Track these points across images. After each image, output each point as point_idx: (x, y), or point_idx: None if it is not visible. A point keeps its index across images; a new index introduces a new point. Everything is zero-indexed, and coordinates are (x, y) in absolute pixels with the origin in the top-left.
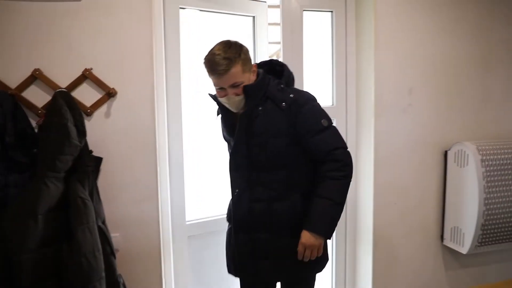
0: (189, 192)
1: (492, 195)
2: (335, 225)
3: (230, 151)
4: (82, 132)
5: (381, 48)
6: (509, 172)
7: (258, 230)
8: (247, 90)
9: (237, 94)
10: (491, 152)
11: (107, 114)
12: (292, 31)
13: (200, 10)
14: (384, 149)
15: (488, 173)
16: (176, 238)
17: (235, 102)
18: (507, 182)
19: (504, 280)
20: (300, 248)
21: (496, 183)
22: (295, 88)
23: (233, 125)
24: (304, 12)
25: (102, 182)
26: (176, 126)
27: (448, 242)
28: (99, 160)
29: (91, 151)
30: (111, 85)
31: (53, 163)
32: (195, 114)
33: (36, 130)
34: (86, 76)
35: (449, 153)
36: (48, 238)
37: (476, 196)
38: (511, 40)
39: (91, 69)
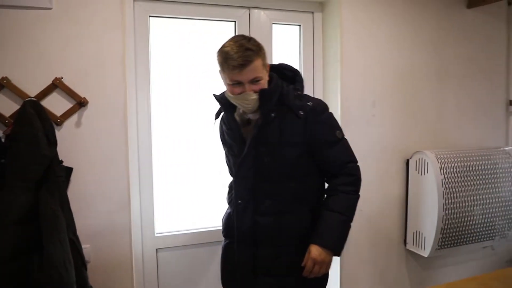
0: (158, 204)
1: (450, 201)
2: (346, 241)
3: (232, 157)
4: (52, 142)
5: (346, 62)
6: (465, 179)
7: (261, 245)
8: (264, 94)
9: (255, 92)
10: (449, 160)
11: (78, 124)
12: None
13: (179, 18)
14: None
15: (446, 180)
16: (145, 250)
17: (252, 101)
18: (463, 188)
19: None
20: (309, 263)
21: (454, 189)
22: (310, 96)
23: (237, 130)
24: (273, 25)
25: (73, 192)
26: (146, 136)
27: (410, 246)
28: (69, 170)
29: (61, 161)
30: (82, 95)
31: (23, 173)
32: (166, 124)
33: (3, 140)
34: (57, 85)
35: (410, 161)
36: (18, 250)
37: (436, 202)
38: (463, 55)
39: (62, 78)
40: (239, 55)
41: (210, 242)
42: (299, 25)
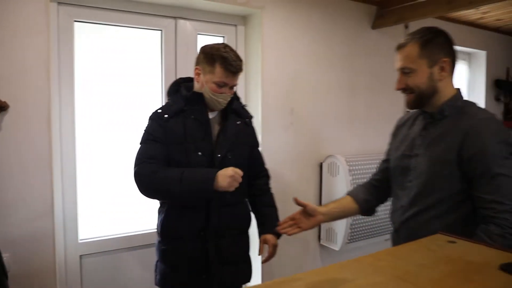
0: (82, 210)
1: None
2: None
3: (190, 154)
4: None
5: (267, 73)
6: None
7: (224, 236)
8: (235, 98)
9: (231, 95)
10: (357, 163)
11: None
12: (187, 53)
13: (105, 24)
14: (270, 162)
15: (354, 181)
16: (68, 257)
17: (227, 102)
18: None
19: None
20: (274, 250)
21: None
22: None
23: (208, 126)
24: (198, 35)
25: None
26: (70, 141)
27: (324, 242)
28: None
29: None
30: (2, 99)
31: None
32: (90, 129)
33: None
34: None
35: (323, 164)
36: None
37: None
38: (369, 69)
39: None
40: (238, 63)
41: (134, 246)
42: (223, 37)
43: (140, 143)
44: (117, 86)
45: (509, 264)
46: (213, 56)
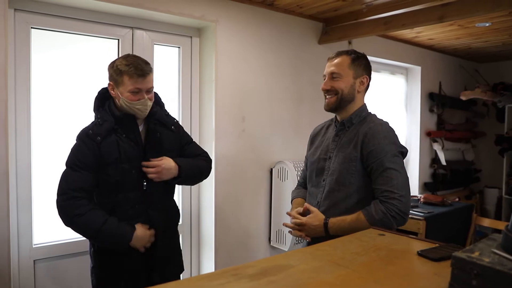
0: (36, 215)
1: None
2: None
3: (123, 169)
4: None
5: (220, 83)
6: None
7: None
8: (157, 100)
9: (150, 100)
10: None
11: None
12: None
13: (63, 32)
14: (223, 167)
15: None
16: (21, 262)
17: (149, 107)
18: None
19: None
20: (155, 164)
21: None
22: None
23: (140, 139)
24: (155, 45)
25: None
26: (25, 146)
27: (274, 243)
28: None
29: None
30: None
31: None
32: (46, 133)
33: None
34: None
35: (273, 170)
36: None
37: None
38: (314, 82)
39: None
40: (142, 66)
41: (87, 251)
42: (179, 47)
43: (67, 166)
44: (73, 92)
45: (425, 250)
46: (118, 67)
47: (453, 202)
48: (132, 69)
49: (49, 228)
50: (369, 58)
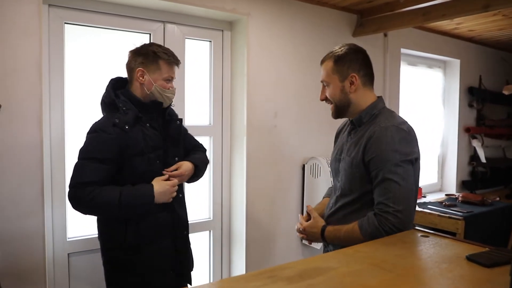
0: (70, 208)
1: None
2: None
3: (151, 161)
4: None
5: (252, 77)
6: None
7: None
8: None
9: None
10: None
11: None
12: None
13: (95, 27)
14: (255, 163)
15: None
16: (56, 255)
17: (174, 96)
18: None
19: None
20: (180, 171)
21: None
22: None
23: (160, 135)
24: (186, 39)
25: None
26: (60, 141)
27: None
28: None
29: None
30: None
31: None
32: (80, 130)
33: None
34: None
35: (306, 166)
36: None
37: None
38: None
39: None
40: (175, 56)
41: None
42: (210, 41)
43: (83, 158)
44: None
45: (474, 255)
46: (156, 53)
47: (493, 201)
48: (170, 57)
49: (82, 221)
50: (405, 51)
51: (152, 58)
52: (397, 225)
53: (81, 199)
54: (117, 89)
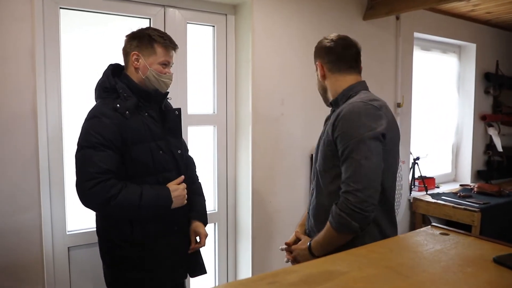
0: (69, 201)
1: None
2: None
3: (154, 151)
4: None
5: (257, 63)
6: None
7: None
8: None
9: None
10: None
11: None
12: (176, 42)
13: (92, 12)
14: (261, 153)
15: None
16: (56, 249)
17: (171, 81)
18: None
19: None
20: (204, 241)
21: None
22: None
23: (159, 124)
24: (188, 24)
25: None
26: (57, 131)
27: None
28: None
29: None
30: None
31: None
32: (78, 118)
33: None
34: None
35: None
36: None
37: None
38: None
39: None
40: (172, 40)
41: None
42: (213, 26)
43: (87, 147)
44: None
45: (502, 257)
46: (152, 37)
47: (510, 192)
48: (167, 41)
49: (82, 215)
50: (419, 35)
51: (147, 41)
52: (357, 204)
53: (98, 196)
54: (114, 76)
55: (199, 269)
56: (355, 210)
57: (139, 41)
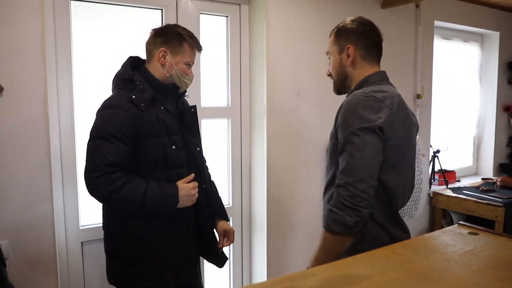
0: (83, 196)
1: None
2: None
3: (166, 146)
4: None
5: (272, 54)
6: None
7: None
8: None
9: None
10: None
11: None
12: None
13: (103, 3)
14: (276, 145)
15: None
16: (69, 243)
17: (191, 83)
18: None
19: None
20: (233, 238)
21: None
22: None
23: (176, 119)
24: (201, 15)
25: None
26: (69, 123)
27: None
28: None
29: None
30: None
31: None
32: (90, 112)
33: None
34: None
35: None
36: None
37: None
38: None
39: None
40: (199, 41)
41: None
42: (227, 16)
43: (98, 137)
44: (116, 66)
45: None
46: (181, 36)
47: None
48: (195, 41)
49: (96, 209)
50: (439, 23)
51: (178, 39)
52: (349, 198)
53: (101, 187)
54: (133, 69)
55: (222, 258)
56: (347, 204)
57: (167, 37)
